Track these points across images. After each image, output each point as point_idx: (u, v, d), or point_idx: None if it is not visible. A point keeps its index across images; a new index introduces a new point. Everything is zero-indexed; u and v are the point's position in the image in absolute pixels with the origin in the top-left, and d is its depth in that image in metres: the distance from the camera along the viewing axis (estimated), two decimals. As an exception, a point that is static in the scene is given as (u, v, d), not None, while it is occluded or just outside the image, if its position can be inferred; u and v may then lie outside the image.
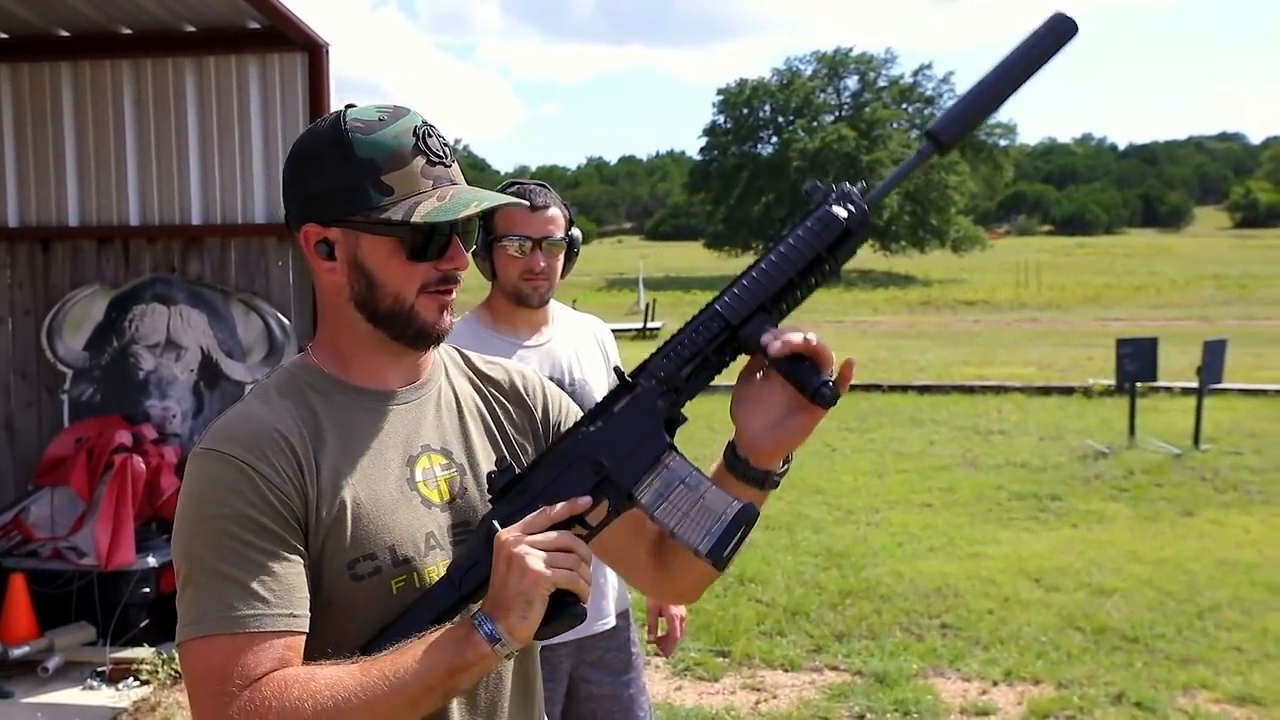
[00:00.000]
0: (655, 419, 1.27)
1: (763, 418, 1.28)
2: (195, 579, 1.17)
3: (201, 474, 1.21)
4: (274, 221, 4.95)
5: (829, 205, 1.28)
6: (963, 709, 4.19)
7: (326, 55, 4.88)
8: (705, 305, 1.29)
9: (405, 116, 1.27)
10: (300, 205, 1.27)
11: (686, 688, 4.49)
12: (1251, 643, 4.85)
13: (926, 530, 6.92)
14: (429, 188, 1.25)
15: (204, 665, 1.14)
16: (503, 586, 1.15)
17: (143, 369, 4.97)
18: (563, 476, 1.26)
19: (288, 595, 1.18)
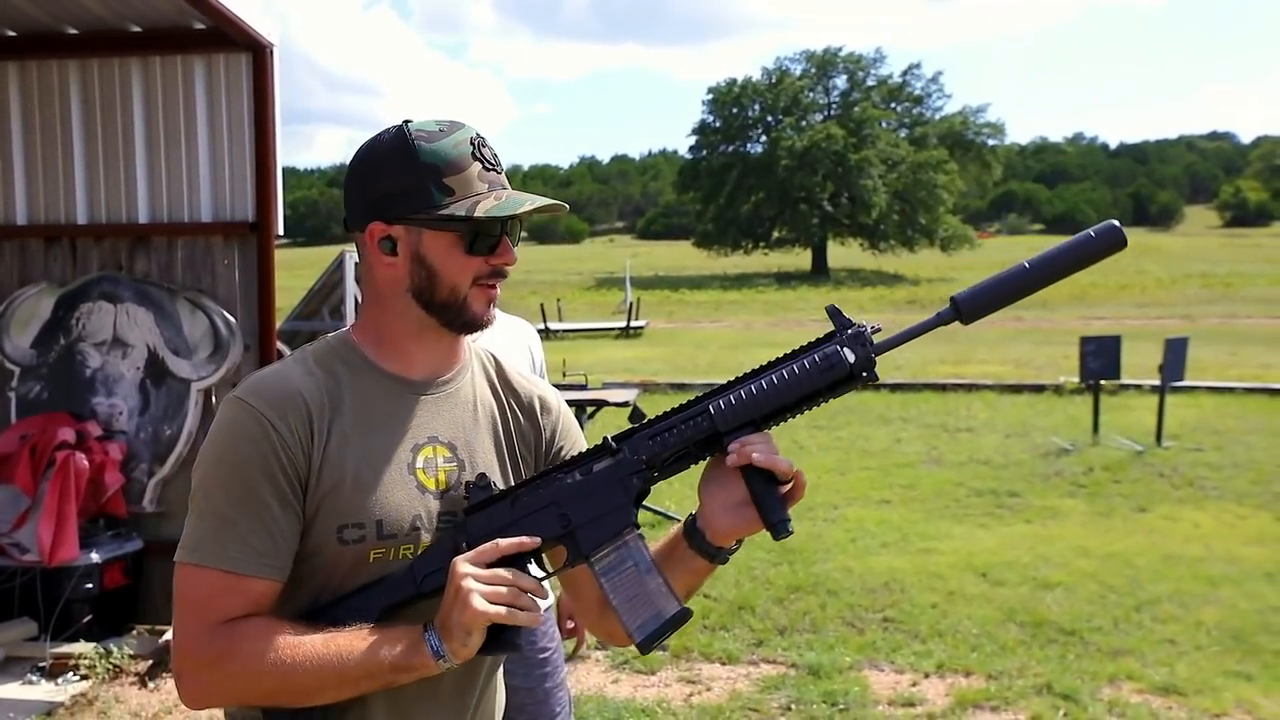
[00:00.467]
0: (628, 493, 1.39)
1: (724, 501, 1.40)
2: (203, 510, 1.34)
3: (229, 419, 1.36)
4: (220, 220, 4.99)
5: (841, 346, 1.35)
6: (890, 700, 4.25)
7: (271, 56, 4.91)
8: (701, 399, 1.39)
9: (462, 129, 1.42)
10: (366, 206, 1.41)
11: (623, 680, 4.54)
12: (1184, 635, 4.92)
13: (881, 526, 6.98)
14: (485, 190, 1.40)
15: (191, 590, 1.33)
16: (448, 613, 1.29)
17: (89, 366, 5.01)
18: (532, 517, 1.38)
19: (276, 547, 1.34)
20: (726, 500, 1.39)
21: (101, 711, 4.14)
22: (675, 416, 1.39)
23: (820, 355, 1.35)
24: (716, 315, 31.08)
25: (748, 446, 1.35)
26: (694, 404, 1.39)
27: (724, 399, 1.37)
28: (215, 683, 1.32)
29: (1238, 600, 5.39)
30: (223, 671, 1.30)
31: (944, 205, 48.95)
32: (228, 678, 1.30)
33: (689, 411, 1.38)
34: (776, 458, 1.35)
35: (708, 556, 1.42)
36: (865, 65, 54.27)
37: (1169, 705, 4.16)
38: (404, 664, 1.30)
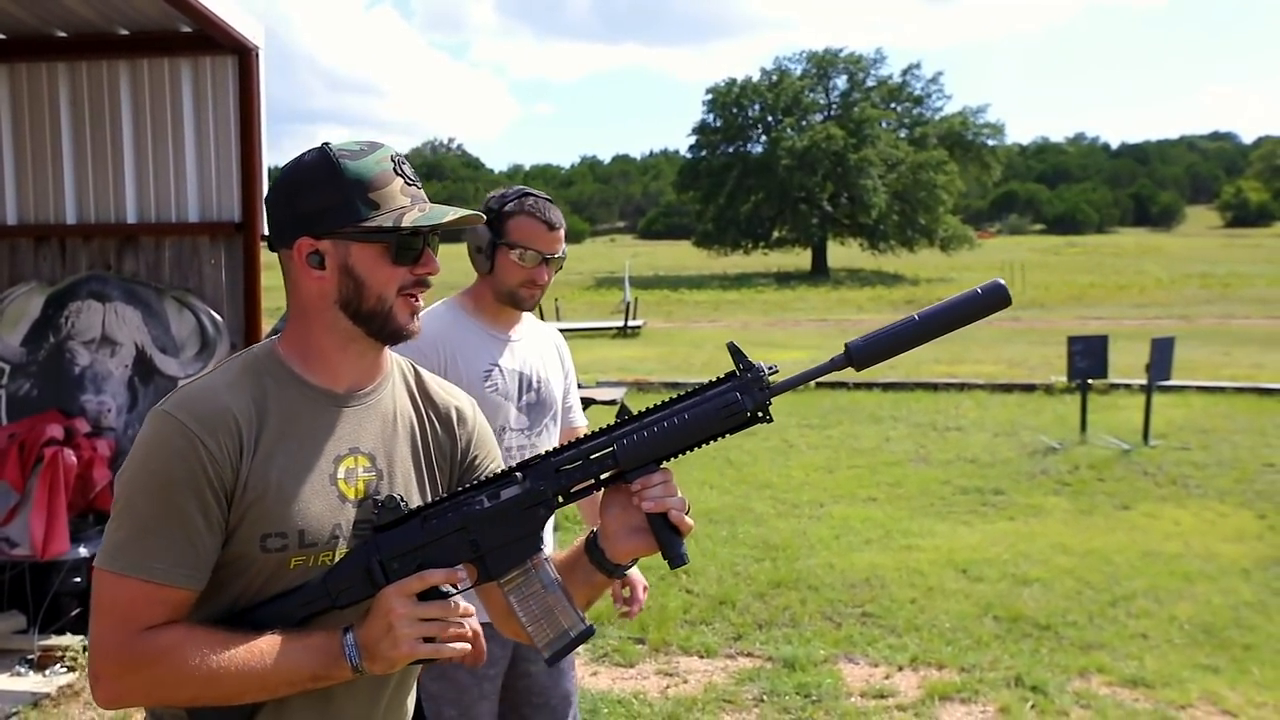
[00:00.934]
0: (536, 522, 1.48)
1: (624, 525, 1.49)
2: (126, 519, 1.37)
3: (157, 432, 1.40)
4: (207, 220, 5.07)
5: (739, 393, 1.44)
6: (863, 692, 4.32)
7: (256, 58, 4.99)
8: (604, 433, 1.47)
9: (381, 148, 1.50)
10: (293, 222, 1.47)
11: (602, 673, 4.62)
12: (1157, 629, 4.99)
13: (865, 524, 7.05)
14: (408, 203, 1.47)
15: (111, 597, 1.36)
16: (375, 641, 1.38)
17: (78, 364, 5.09)
18: (442, 542, 1.45)
19: (197, 558, 1.39)
20: (625, 525, 1.48)
21: (88, 703, 4.21)
22: (583, 448, 1.47)
23: (720, 401, 1.44)
24: (715, 315, 31.14)
25: (647, 490, 1.44)
26: (597, 435, 1.47)
27: (628, 438, 1.45)
28: (135, 687, 1.37)
29: (1212, 595, 5.46)
30: (144, 677, 1.35)
31: (944, 205, 49.00)
32: (149, 683, 1.35)
33: (594, 445, 1.46)
34: (669, 500, 1.44)
35: (606, 572, 1.52)
36: (865, 65, 54.34)
37: (1136, 697, 4.23)
38: (322, 674, 1.39)
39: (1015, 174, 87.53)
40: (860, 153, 48.15)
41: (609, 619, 5.19)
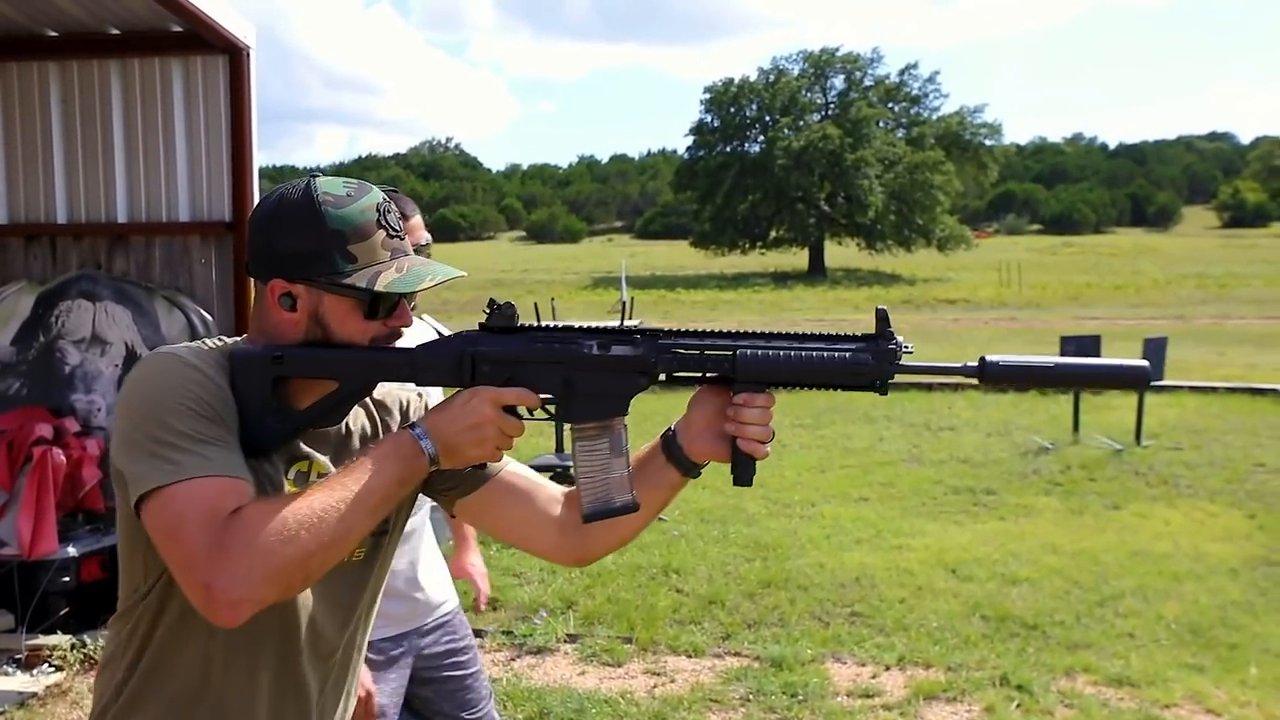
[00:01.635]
0: (632, 388, 1.48)
1: (709, 429, 1.50)
2: (165, 441, 1.32)
3: (166, 367, 1.38)
4: (197, 220, 5.09)
5: (873, 357, 1.44)
6: (849, 691, 4.33)
7: (248, 58, 5.01)
8: (730, 335, 1.47)
9: (369, 194, 1.47)
10: (269, 262, 1.45)
11: (590, 672, 4.63)
12: (1143, 629, 5.01)
13: (857, 523, 7.06)
14: (387, 259, 1.45)
15: (191, 499, 1.29)
16: (457, 436, 1.41)
17: (68, 364, 5.10)
18: (539, 366, 1.46)
19: (243, 464, 1.37)
20: (713, 427, 1.50)
21: (74, 702, 4.22)
22: (703, 340, 1.47)
23: (851, 356, 1.44)
24: (712, 315, 31.19)
25: (747, 409, 1.44)
26: (721, 336, 1.47)
27: (751, 350, 1.44)
28: (250, 569, 1.26)
29: (1199, 595, 5.48)
30: (252, 554, 1.26)
31: (941, 205, 49.03)
32: (260, 557, 1.26)
33: (716, 343, 1.46)
34: (759, 446, 1.46)
35: (683, 469, 1.53)
36: (862, 65, 54.37)
37: (1120, 696, 4.25)
38: (408, 476, 1.40)
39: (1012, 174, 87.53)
40: (857, 152, 48.18)
41: (597, 619, 5.21)
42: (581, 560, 1.65)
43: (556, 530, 1.61)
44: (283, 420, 1.45)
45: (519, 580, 5.80)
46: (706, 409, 1.50)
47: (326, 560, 1.32)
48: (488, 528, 1.68)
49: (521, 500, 1.62)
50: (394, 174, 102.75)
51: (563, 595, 5.50)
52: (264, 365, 1.44)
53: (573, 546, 1.61)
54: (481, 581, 2.93)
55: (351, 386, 1.47)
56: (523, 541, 1.65)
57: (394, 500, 1.39)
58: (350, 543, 1.34)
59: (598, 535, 1.58)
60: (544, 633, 4.97)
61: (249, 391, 1.42)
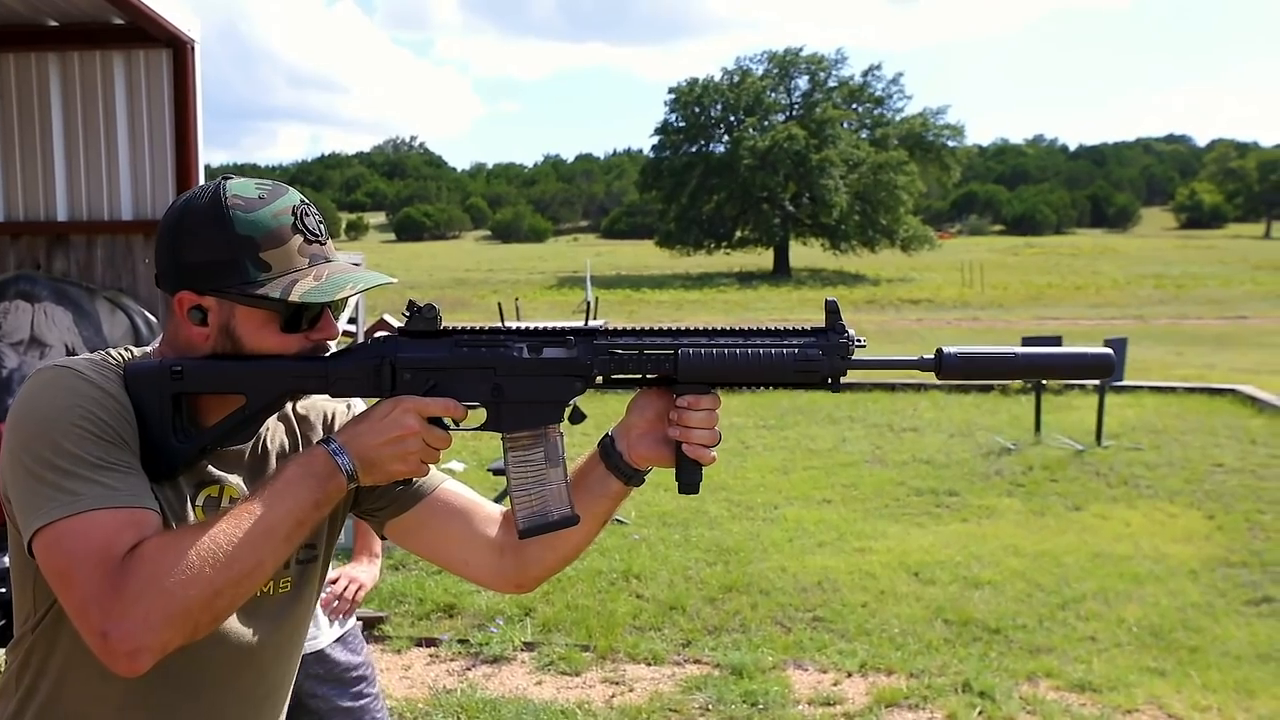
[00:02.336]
0: (567, 393, 1.37)
1: (651, 432, 1.41)
2: (58, 468, 1.20)
3: (59, 382, 1.26)
4: (140, 219, 4.94)
5: (823, 353, 1.36)
6: (810, 700, 4.26)
7: (192, 52, 4.86)
8: (668, 334, 1.37)
9: (284, 195, 1.35)
10: (176, 272, 1.34)
11: (547, 682, 4.52)
12: (1105, 632, 4.98)
13: (819, 526, 7.01)
14: (305, 265, 1.33)
15: (84, 538, 1.17)
16: (377, 450, 1.30)
17: (6, 367, 4.91)
18: (465, 372, 1.36)
19: (147, 484, 1.25)
20: (654, 431, 1.41)
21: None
22: (641, 339, 1.37)
23: (801, 353, 1.35)
24: (677, 315, 31.15)
25: (691, 412, 1.36)
26: (661, 334, 1.37)
27: (694, 349, 1.35)
28: (152, 615, 1.15)
29: (1160, 597, 5.46)
30: (154, 596, 1.15)
31: (904, 206, 49.33)
32: (162, 601, 1.15)
33: (656, 341, 1.36)
34: (705, 451, 1.37)
35: (624, 477, 1.43)
36: (826, 66, 54.58)
37: (1083, 702, 4.21)
38: (324, 498, 1.28)
39: (975, 175, 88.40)
40: (822, 153, 48.36)
41: (555, 626, 5.11)
42: (520, 585, 1.53)
43: (494, 552, 1.51)
44: (186, 440, 1.32)
45: (476, 588, 5.67)
46: (647, 412, 1.41)
47: (236, 597, 1.22)
48: (420, 549, 1.56)
49: (456, 520, 1.51)
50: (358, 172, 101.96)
51: (520, 603, 5.39)
52: (162, 380, 1.32)
53: (511, 570, 1.51)
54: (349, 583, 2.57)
55: (260, 401, 1.35)
56: (458, 565, 1.54)
57: (310, 525, 1.28)
58: (262, 575, 1.23)
59: (536, 555, 1.48)
60: (500, 641, 4.86)
61: (148, 409, 1.30)
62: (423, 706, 4.23)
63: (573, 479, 1.42)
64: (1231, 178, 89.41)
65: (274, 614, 1.43)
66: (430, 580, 5.75)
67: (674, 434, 1.37)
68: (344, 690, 2.48)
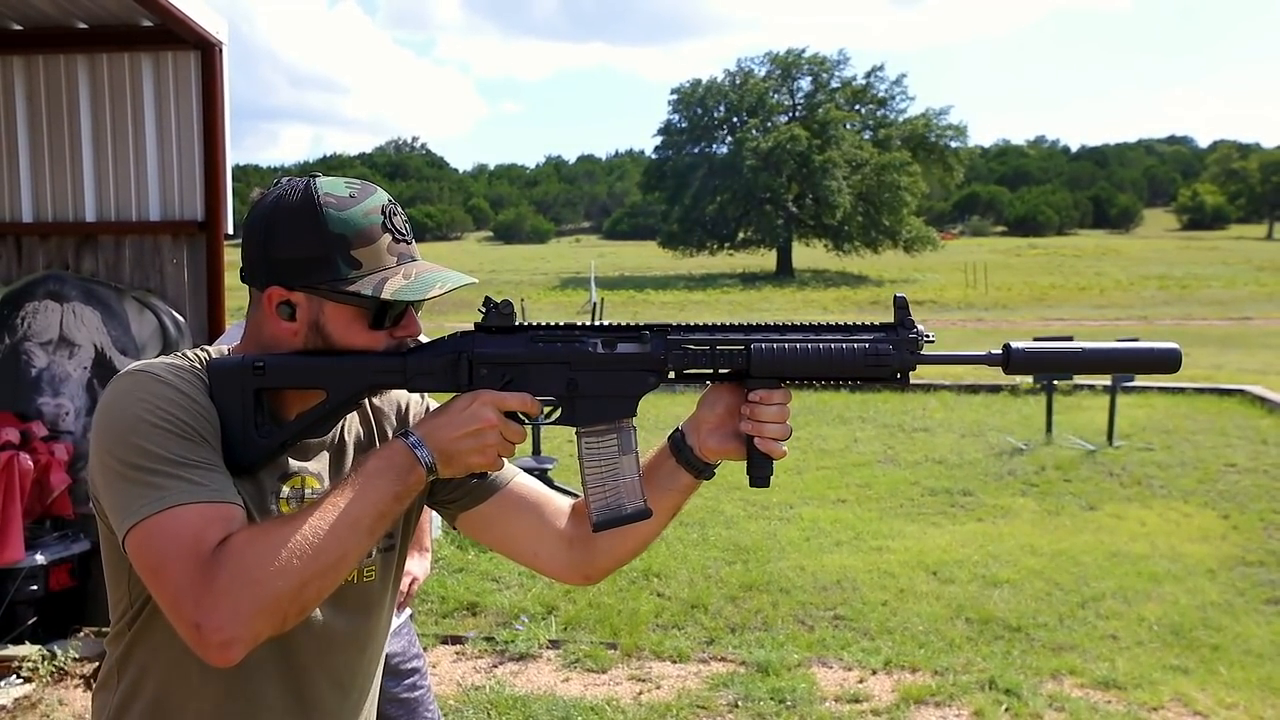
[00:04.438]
0: (640, 387, 1.40)
1: (722, 427, 1.43)
2: (142, 467, 1.23)
3: (137, 386, 1.29)
4: (168, 219, 4.95)
5: (894, 347, 1.38)
6: (837, 696, 4.29)
7: (220, 54, 4.88)
8: (739, 330, 1.39)
9: (374, 195, 1.38)
10: (267, 267, 1.36)
11: (574, 679, 4.56)
12: (1126, 630, 5.01)
13: (836, 525, 7.04)
14: (394, 264, 1.36)
15: (174, 533, 1.21)
16: (456, 443, 1.32)
17: (35, 366, 4.95)
18: (541, 367, 1.38)
19: (230, 485, 1.29)
20: (726, 426, 1.43)
21: (45, 714, 4.09)
22: (713, 335, 1.39)
23: (871, 346, 1.37)
24: (681, 316, 31.14)
25: (763, 407, 1.37)
26: (733, 330, 1.39)
27: (766, 344, 1.37)
28: (242, 606, 1.18)
29: (1179, 596, 5.49)
30: (243, 588, 1.18)
31: (907, 207, 49.27)
32: (252, 592, 1.18)
33: (728, 337, 1.38)
34: (777, 445, 1.39)
35: (695, 471, 1.45)
36: (829, 67, 54.53)
37: (1108, 699, 4.24)
38: (404, 490, 1.30)
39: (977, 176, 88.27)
40: (824, 154, 48.34)
41: (579, 624, 5.15)
42: (589, 577, 1.56)
43: (564, 545, 1.54)
44: (268, 435, 1.36)
45: (498, 585, 5.72)
46: (718, 407, 1.43)
47: (323, 588, 1.24)
48: (491, 542, 1.59)
49: (528, 514, 1.54)
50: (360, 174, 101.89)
51: (543, 600, 5.43)
52: (244, 377, 1.35)
53: (580, 562, 1.54)
54: (403, 577, 2.64)
55: (340, 396, 1.37)
56: (528, 557, 1.57)
57: (392, 517, 1.30)
58: (347, 566, 1.26)
59: (606, 548, 1.51)
60: (526, 639, 4.89)
61: (230, 406, 1.33)
62: (453, 703, 4.26)
63: (643, 473, 1.44)
64: (1233, 179, 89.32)
65: (359, 602, 1.47)
66: (452, 579, 5.79)
67: (746, 428, 1.39)
68: (398, 681, 2.53)
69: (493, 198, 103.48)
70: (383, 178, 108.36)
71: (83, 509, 4.89)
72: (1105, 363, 1.42)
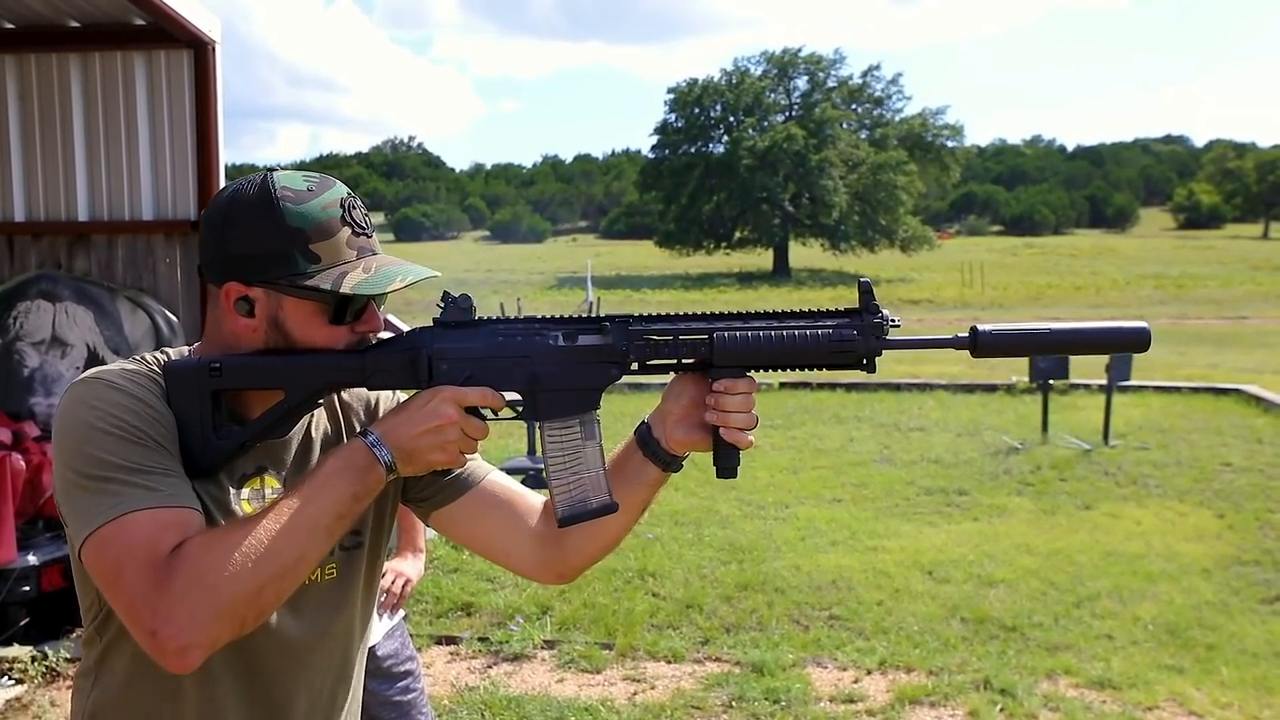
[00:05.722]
0: (603, 379, 1.38)
1: (688, 419, 1.42)
2: (95, 475, 1.23)
3: (89, 394, 1.27)
4: (161, 219, 4.95)
5: (858, 333, 1.38)
6: (832, 697, 4.28)
7: (213, 52, 4.88)
8: (701, 319, 1.39)
9: (332, 188, 1.36)
10: (224, 263, 1.35)
11: (568, 679, 4.55)
12: (1121, 630, 5.01)
13: (831, 525, 7.03)
14: (354, 258, 1.35)
15: (128, 540, 1.19)
16: (416, 440, 1.31)
17: (28, 366, 4.94)
18: (501, 361, 1.37)
19: (188, 484, 1.28)
20: (691, 417, 1.41)
21: (36, 716, 4.08)
22: (676, 325, 1.38)
23: (835, 333, 1.37)
24: (677, 315, 31.14)
25: (727, 396, 1.36)
26: (696, 319, 1.38)
27: (729, 333, 1.37)
28: (198, 611, 1.17)
29: (1174, 596, 5.49)
30: (199, 593, 1.17)
31: (904, 206, 49.34)
32: (207, 597, 1.17)
33: (691, 326, 1.38)
34: (743, 435, 1.37)
35: (662, 464, 1.44)
36: (825, 66, 54.59)
37: (1103, 699, 4.24)
38: (362, 490, 1.29)
39: (973, 175, 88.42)
40: (821, 153, 48.37)
41: (574, 625, 5.13)
42: (562, 575, 1.56)
43: (536, 543, 1.52)
44: (226, 437, 1.34)
45: (493, 585, 5.71)
46: (682, 398, 1.42)
47: (281, 591, 1.23)
48: (463, 538, 1.58)
49: (500, 511, 1.53)
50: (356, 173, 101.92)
51: (538, 600, 5.41)
52: (200, 378, 1.33)
53: (552, 560, 1.53)
54: (395, 578, 2.64)
55: (299, 396, 1.36)
56: (500, 555, 1.56)
57: (351, 517, 1.29)
58: (306, 568, 1.25)
59: (577, 545, 1.49)
60: (520, 639, 4.88)
61: (187, 409, 1.32)
62: (447, 704, 4.25)
63: (610, 468, 1.43)
64: (1229, 178, 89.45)
65: (320, 602, 1.45)
66: (447, 579, 5.77)
67: (711, 418, 1.38)
68: (391, 684, 2.51)
69: (489, 197, 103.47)
70: (379, 177, 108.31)
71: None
72: (1074, 343, 1.40)
